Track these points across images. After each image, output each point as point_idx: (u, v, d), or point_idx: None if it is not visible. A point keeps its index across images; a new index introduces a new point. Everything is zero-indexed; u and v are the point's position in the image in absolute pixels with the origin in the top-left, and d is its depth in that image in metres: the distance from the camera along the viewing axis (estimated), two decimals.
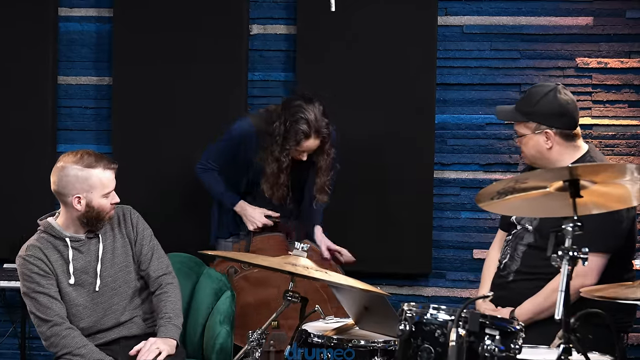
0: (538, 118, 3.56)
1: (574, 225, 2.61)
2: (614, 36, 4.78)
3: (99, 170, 3.57)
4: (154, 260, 3.76)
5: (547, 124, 3.54)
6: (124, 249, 3.72)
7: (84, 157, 3.57)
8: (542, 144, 3.57)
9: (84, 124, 5.08)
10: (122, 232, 3.74)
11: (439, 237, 4.90)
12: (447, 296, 4.93)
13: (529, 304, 3.54)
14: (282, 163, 4.24)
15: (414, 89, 4.79)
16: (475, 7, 4.86)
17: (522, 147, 3.66)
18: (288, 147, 4.20)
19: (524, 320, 3.36)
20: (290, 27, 4.95)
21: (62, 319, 3.56)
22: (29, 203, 4.89)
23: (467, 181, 4.89)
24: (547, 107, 3.55)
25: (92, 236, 3.67)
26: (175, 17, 4.90)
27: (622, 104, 4.79)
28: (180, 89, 4.90)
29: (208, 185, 4.45)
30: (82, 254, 3.64)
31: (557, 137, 3.56)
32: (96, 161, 3.58)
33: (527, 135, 3.60)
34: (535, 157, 3.63)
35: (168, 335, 3.59)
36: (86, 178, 3.55)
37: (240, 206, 4.37)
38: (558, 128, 3.55)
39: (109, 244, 3.70)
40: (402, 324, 2.75)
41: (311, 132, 4.18)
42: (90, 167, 3.56)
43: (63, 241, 3.63)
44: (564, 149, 3.58)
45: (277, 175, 4.26)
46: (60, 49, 5.05)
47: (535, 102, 3.56)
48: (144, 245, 3.76)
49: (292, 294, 3.20)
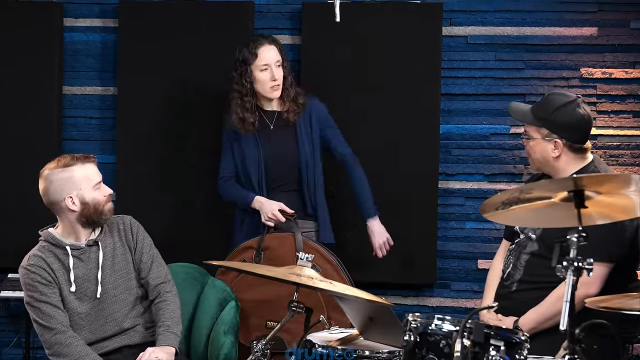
0: (552, 126, 3.55)
1: (579, 236, 2.61)
2: (618, 46, 4.78)
3: (78, 165, 3.62)
4: (153, 268, 3.77)
5: (559, 134, 3.54)
6: (124, 257, 3.73)
7: (60, 160, 3.65)
8: (549, 151, 3.57)
9: (89, 133, 5.09)
10: (122, 240, 3.75)
11: (443, 248, 4.89)
12: (452, 306, 4.92)
13: (533, 314, 3.53)
14: (245, 86, 4.32)
15: (419, 99, 4.79)
16: (479, 18, 4.86)
17: (528, 149, 3.66)
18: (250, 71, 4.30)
19: (527, 329, 3.36)
20: (295, 37, 4.96)
21: (65, 328, 3.57)
22: (33, 213, 4.85)
23: (471, 191, 4.89)
24: (564, 118, 3.54)
25: (92, 244, 3.68)
26: (180, 27, 4.91)
27: (627, 114, 4.79)
28: (185, 98, 4.91)
29: (227, 196, 4.48)
30: (82, 262, 3.65)
31: (566, 148, 3.56)
32: (72, 159, 3.63)
33: (536, 140, 3.60)
34: (541, 163, 3.64)
35: (167, 343, 3.59)
36: (70, 177, 3.60)
37: (258, 201, 4.36)
38: (568, 140, 3.55)
39: (109, 251, 3.71)
40: (406, 335, 2.74)
41: (264, 40, 4.34)
42: (69, 165, 3.62)
43: (63, 249, 3.65)
44: (571, 160, 3.58)
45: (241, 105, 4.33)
46: (66, 59, 5.06)
47: (553, 110, 3.55)
48: (144, 254, 3.77)
49: (297, 304, 3.19)
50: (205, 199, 4.51)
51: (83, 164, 3.63)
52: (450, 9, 4.85)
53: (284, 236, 4.35)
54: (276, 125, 4.43)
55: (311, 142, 4.44)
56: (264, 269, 3.42)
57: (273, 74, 4.32)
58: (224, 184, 4.48)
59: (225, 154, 4.48)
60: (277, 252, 4.30)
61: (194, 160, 4.87)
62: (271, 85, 4.34)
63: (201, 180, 4.74)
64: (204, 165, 4.64)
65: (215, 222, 4.58)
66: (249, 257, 4.34)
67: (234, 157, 4.44)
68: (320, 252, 4.30)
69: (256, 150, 4.40)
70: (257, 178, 4.40)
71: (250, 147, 4.40)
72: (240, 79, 4.34)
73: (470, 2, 4.86)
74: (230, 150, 4.46)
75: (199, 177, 4.77)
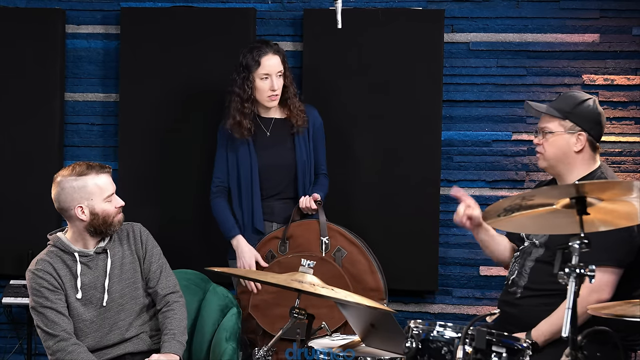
0: (576, 119, 3.57)
1: (581, 243, 2.61)
2: (620, 53, 4.78)
3: (92, 175, 3.61)
4: (162, 278, 3.77)
5: (584, 126, 3.56)
6: (132, 265, 3.73)
7: (75, 168, 3.63)
8: (571, 145, 3.57)
9: (91, 140, 5.10)
10: (131, 249, 3.75)
11: (445, 254, 4.89)
12: (454, 313, 4.92)
13: (546, 325, 3.50)
14: (246, 92, 4.30)
15: (420, 106, 4.79)
16: (481, 24, 4.87)
17: (544, 145, 3.62)
18: (251, 79, 4.28)
19: (542, 341, 3.34)
20: (296, 44, 4.96)
21: (68, 335, 3.57)
22: (35, 220, 4.90)
23: (473, 198, 4.86)
24: (587, 111, 3.58)
25: (101, 251, 3.68)
26: (182, 34, 4.91)
27: (629, 120, 4.79)
28: (187, 105, 4.91)
29: (215, 214, 4.46)
30: (90, 269, 3.65)
31: (587, 143, 3.57)
32: (88, 168, 3.62)
33: (557, 133, 3.59)
34: (557, 159, 3.61)
35: (171, 351, 3.60)
36: (82, 186, 3.59)
37: (237, 240, 4.36)
38: (591, 135, 3.56)
39: (118, 259, 3.71)
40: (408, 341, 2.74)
41: (268, 49, 4.31)
42: (83, 175, 3.60)
43: (72, 256, 3.64)
44: (587, 157, 3.58)
45: (240, 110, 4.31)
46: (68, 65, 5.07)
47: (574, 105, 3.58)
48: (153, 263, 3.77)
49: (299, 310, 3.19)
50: (207, 205, 4.50)
51: (97, 174, 3.62)
52: (452, 16, 4.85)
53: (308, 223, 4.37)
54: (273, 132, 4.43)
55: (308, 151, 4.44)
56: (268, 275, 3.42)
57: (272, 84, 4.31)
58: (215, 200, 4.45)
59: (219, 159, 4.45)
60: (301, 239, 4.33)
61: (196, 166, 4.87)
62: (269, 94, 4.33)
63: (203, 186, 4.74)
64: (205, 170, 4.63)
65: (217, 229, 4.57)
66: (274, 247, 4.36)
67: (228, 162, 4.42)
68: (345, 235, 4.34)
69: (249, 158, 4.39)
70: (249, 186, 4.39)
71: (244, 154, 4.39)
72: (242, 83, 4.32)
73: (472, 9, 4.86)
74: (225, 154, 4.43)
75: (201, 183, 4.76)
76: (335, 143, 4.72)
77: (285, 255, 4.34)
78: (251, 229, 4.39)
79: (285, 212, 4.41)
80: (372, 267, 4.32)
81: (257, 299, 4.34)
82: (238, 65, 4.35)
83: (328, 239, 4.33)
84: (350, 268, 4.29)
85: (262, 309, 4.33)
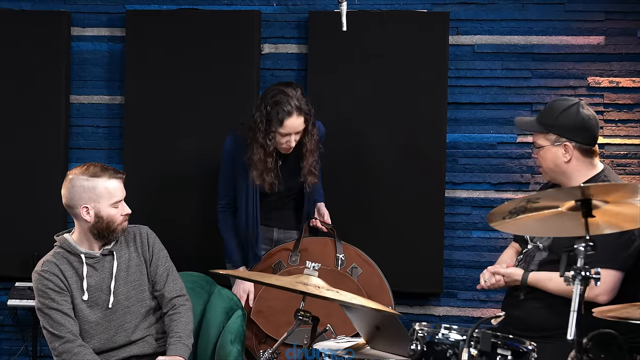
0: (558, 130, 3.56)
1: (586, 245, 2.60)
2: (625, 55, 4.77)
3: (104, 179, 3.60)
4: (169, 281, 3.77)
5: (567, 136, 3.54)
6: (138, 268, 3.73)
7: (89, 168, 3.62)
8: (560, 156, 3.57)
9: (96, 142, 5.10)
10: (137, 251, 3.75)
11: (450, 257, 4.89)
12: (459, 316, 4.91)
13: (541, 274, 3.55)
14: (268, 147, 4.20)
15: (425, 108, 4.79)
16: (486, 27, 4.86)
17: (540, 160, 3.65)
18: (272, 131, 4.17)
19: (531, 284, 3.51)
20: (301, 47, 4.96)
21: (74, 336, 3.57)
22: (40, 222, 4.90)
23: (478, 200, 4.89)
24: (569, 120, 3.55)
25: (107, 253, 3.68)
26: (187, 36, 4.92)
27: (634, 123, 4.79)
28: (192, 107, 4.92)
29: (221, 231, 4.45)
30: (96, 271, 3.65)
31: (576, 151, 3.55)
32: (102, 171, 3.62)
33: (546, 147, 3.59)
34: (553, 171, 3.62)
35: (177, 353, 3.60)
36: (92, 187, 3.59)
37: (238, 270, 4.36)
38: (577, 142, 3.55)
39: (124, 261, 3.71)
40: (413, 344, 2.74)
41: (293, 109, 4.15)
42: (95, 176, 3.60)
43: (78, 257, 3.65)
44: (581, 164, 3.57)
45: (264, 161, 4.23)
46: (73, 68, 5.08)
47: (557, 115, 3.56)
48: (160, 266, 3.77)
49: (304, 313, 3.19)
50: (212, 208, 4.50)
51: (109, 178, 3.61)
52: (457, 18, 4.85)
53: (324, 240, 4.41)
54: (284, 161, 4.36)
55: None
56: (273, 278, 3.42)
57: (290, 141, 4.22)
58: (222, 217, 4.43)
59: (223, 174, 4.41)
60: (316, 254, 4.36)
61: (201, 169, 4.87)
62: (284, 147, 4.24)
63: (207, 188, 4.74)
64: (211, 174, 4.64)
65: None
66: (284, 257, 4.37)
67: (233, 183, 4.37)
68: (360, 255, 4.38)
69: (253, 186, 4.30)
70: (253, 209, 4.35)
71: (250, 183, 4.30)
72: (264, 137, 4.18)
73: (477, 11, 4.86)
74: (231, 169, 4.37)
75: (205, 185, 4.77)
76: (340, 146, 4.72)
77: (296, 265, 4.34)
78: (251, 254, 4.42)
79: (283, 217, 4.42)
80: (385, 287, 4.35)
81: (262, 305, 4.34)
82: (262, 108, 4.19)
83: (344, 256, 4.35)
84: (365, 285, 4.30)
85: (266, 315, 4.33)
